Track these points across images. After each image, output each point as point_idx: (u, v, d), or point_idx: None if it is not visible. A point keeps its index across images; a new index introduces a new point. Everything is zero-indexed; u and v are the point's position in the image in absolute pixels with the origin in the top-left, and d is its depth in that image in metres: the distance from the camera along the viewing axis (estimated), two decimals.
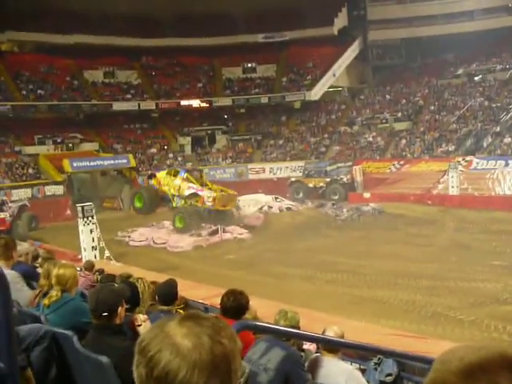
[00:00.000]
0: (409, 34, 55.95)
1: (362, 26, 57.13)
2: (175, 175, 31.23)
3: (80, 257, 20.69)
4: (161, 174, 32.17)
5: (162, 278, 8.95)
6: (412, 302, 15.55)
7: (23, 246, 8.35)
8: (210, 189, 30.60)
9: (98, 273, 11.14)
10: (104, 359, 3.60)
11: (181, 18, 54.86)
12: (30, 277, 6.91)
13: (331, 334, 5.15)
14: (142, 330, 4.11)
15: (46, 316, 4.64)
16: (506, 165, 35.22)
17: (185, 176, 30.95)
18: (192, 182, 30.51)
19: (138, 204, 32.31)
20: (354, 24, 57.08)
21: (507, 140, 39.12)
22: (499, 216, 28.10)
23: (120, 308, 4.04)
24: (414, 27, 55.12)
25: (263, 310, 7.55)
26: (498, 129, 40.88)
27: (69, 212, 35.62)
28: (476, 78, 49.78)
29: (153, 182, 32.24)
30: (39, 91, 48.12)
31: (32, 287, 6.36)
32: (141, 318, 4.19)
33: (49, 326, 4.24)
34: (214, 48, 55.49)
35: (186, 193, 29.75)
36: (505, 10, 52.28)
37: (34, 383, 3.39)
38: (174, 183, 30.69)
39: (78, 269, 8.37)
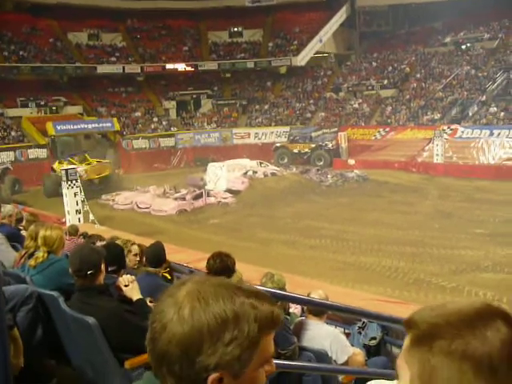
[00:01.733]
0: (396, 0, 55.56)
1: None
2: (61, 162, 32.98)
3: (64, 220, 20.62)
4: (56, 165, 33.37)
5: (146, 241, 8.95)
6: (395, 268, 15.67)
7: (7, 208, 8.29)
8: (88, 164, 32.85)
9: (82, 236, 11.10)
10: (90, 320, 3.60)
11: None
12: (13, 239, 6.90)
13: (316, 296, 5.18)
14: (128, 290, 4.09)
15: (32, 277, 4.63)
16: (491, 134, 35.33)
17: (68, 160, 33.08)
18: (73, 163, 31.82)
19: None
20: None
21: (492, 109, 39.19)
22: (483, 185, 28.36)
23: (102, 266, 4.04)
24: None
25: (247, 273, 7.57)
26: (484, 98, 40.89)
27: None
28: (463, 47, 49.62)
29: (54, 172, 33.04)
30: (21, 52, 47.34)
31: (16, 249, 6.34)
32: (128, 278, 4.17)
33: (34, 286, 4.23)
34: (200, 11, 55.03)
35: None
36: None
37: (21, 343, 3.39)
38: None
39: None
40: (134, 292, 4.09)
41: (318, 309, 5.18)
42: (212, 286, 1.22)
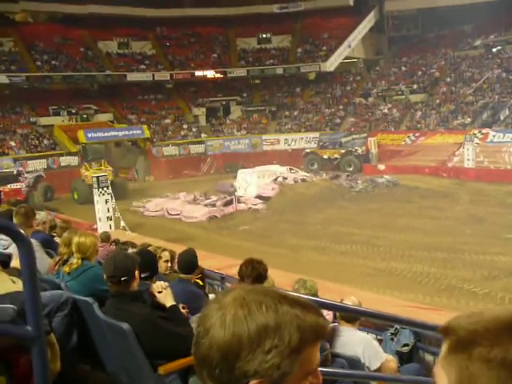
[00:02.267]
0: (425, 4, 55.07)
1: None
2: (87, 168, 34.75)
3: (95, 227, 20.82)
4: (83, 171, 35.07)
5: (177, 248, 9.00)
6: (426, 274, 15.55)
7: (41, 215, 8.40)
8: (99, 170, 33.56)
9: (114, 243, 11.21)
10: (125, 326, 3.64)
11: None
12: (47, 245, 6.98)
13: (349, 303, 5.17)
14: (162, 297, 4.13)
15: (66, 283, 4.69)
16: None
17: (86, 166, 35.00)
18: (87, 169, 34.18)
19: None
20: None
21: None
22: None
23: (136, 272, 4.08)
24: None
25: (278, 279, 7.58)
26: None
27: None
28: (494, 50, 49.10)
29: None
30: (53, 62, 48.09)
31: (50, 255, 6.42)
32: (162, 285, 4.21)
33: (69, 292, 4.28)
34: (228, 18, 55.23)
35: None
36: None
37: (58, 348, 3.44)
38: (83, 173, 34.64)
39: None
40: (167, 298, 4.13)
41: (350, 315, 5.17)
42: (258, 294, 1.23)
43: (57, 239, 8.41)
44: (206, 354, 1.19)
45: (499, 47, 48.86)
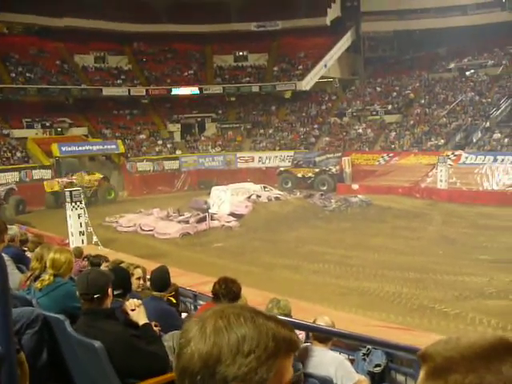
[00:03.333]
0: (401, 26, 55.94)
1: (355, 17, 57.04)
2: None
3: (67, 242, 20.61)
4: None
5: (150, 264, 8.94)
6: (398, 294, 15.62)
7: (12, 230, 8.30)
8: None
9: (86, 259, 11.10)
10: (97, 343, 3.59)
11: (173, 4, 54.62)
12: (19, 260, 6.90)
13: (322, 323, 5.16)
14: (135, 315, 4.09)
15: (38, 299, 4.63)
16: (495, 160, 35.38)
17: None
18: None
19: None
20: (346, 15, 57.00)
21: (496, 135, 39.29)
22: (486, 211, 28.30)
23: (110, 290, 4.04)
24: (407, 20, 55.21)
25: (250, 298, 7.56)
26: (488, 124, 41.01)
27: None
28: (467, 73, 49.85)
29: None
30: (28, 74, 47.68)
31: (21, 271, 6.35)
32: (135, 302, 4.17)
33: (40, 309, 4.23)
34: (206, 35, 55.35)
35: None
36: (498, 4, 52.13)
37: (27, 367, 3.38)
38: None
39: None
40: (140, 316, 4.09)
41: (323, 335, 5.17)
42: (236, 308, 1.28)
43: (28, 254, 8.32)
44: (187, 363, 1.21)
45: (472, 71, 49.69)
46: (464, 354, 1.07)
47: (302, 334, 6.40)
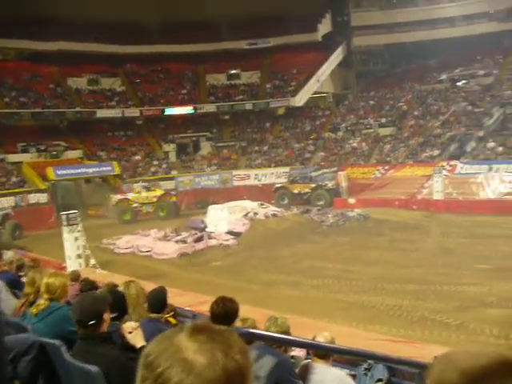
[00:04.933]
0: (392, 39, 56.38)
1: (346, 32, 57.39)
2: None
3: (64, 265, 20.51)
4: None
5: (148, 285, 8.88)
6: (399, 306, 15.53)
7: (8, 255, 8.27)
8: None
9: (84, 282, 11.03)
10: (93, 368, 3.55)
11: (165, 25, 54.95)
12: (14, 286, 6.85)
13: (322, 339, 5.12)
14: (132, 337, 4.04)
15: (33, 325, 4.58)
16: (490, 169, 35.43)
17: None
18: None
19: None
20: (337, 30, 57.39)
21: (490, 144, 39.39)
22: (483, 220, 28.28)
23: (105, 315, 3.99)
24: (397, 33, 55.66)
25: (250, 316, 7.51)
26: (482, 133, 41.13)
27: (53, 220, 35.38)
28: (459, 83, 50.14)
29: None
30: (22, 99, 47.83)
31: (16, 296, 6.30)
32: (132, 325, 4.12)
33: (36, 335, 4.17)
34: (198, 55, 55.61)
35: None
36: (485, 16, 52.82)
37: None
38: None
39: None
40: (137, 339, 4.05)
41: (323, 351, 5.12)
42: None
43: (24, 279, 8.27)
44: None
45: (464, 81, 49.99)
46: (467, 376, 1.04)
47: (302, 351, 6.35)
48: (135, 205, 37.84)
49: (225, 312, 4.84)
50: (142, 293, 6.16)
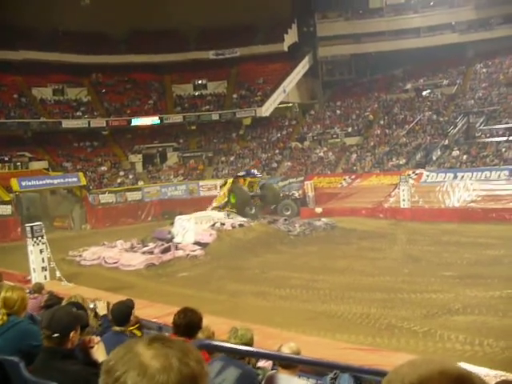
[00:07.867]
0: (357, 49, 56.94)
1: (312, 42, 57.77)
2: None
3: (29, 278, 20.22)
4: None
5: (116, 297, 8.78)
6: (366, 315, 15.57)
7: None
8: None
9: (48, 294, 10.88)
10: None
11: (131, 35, 54.83)
12: None
13: (287, 350, 5.08)
14: (95, 352, 3.97)
15: None
16: (455, 177, 35.81)
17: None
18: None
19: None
20: (303, 40, 57.75)
21: (455, 153, 39.90)
22: (449, 228, 28.61)
23: (73, 332, 3.90)
24: (363, 43, 56.18)
25: (216, 327, 7.44)
26: (447, 142, 41.68)
27: (18, 232, 34.89)
28: (424, 93, 50.82)
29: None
30: None
31: None
32: (93, 339, 4.05)
33: None
34: (164, 65, 55.57)
35: None
36: (448, 27, 53.80)
37: None
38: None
39: (27, 291, 8.15)
40: (99, 353, 3.97)
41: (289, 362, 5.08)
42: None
43: None
44: None
45: (429, 90, 50.71)
46: None
47: (269, 362, 6.31)
48: None
49: (187, 323, 4.79)
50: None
